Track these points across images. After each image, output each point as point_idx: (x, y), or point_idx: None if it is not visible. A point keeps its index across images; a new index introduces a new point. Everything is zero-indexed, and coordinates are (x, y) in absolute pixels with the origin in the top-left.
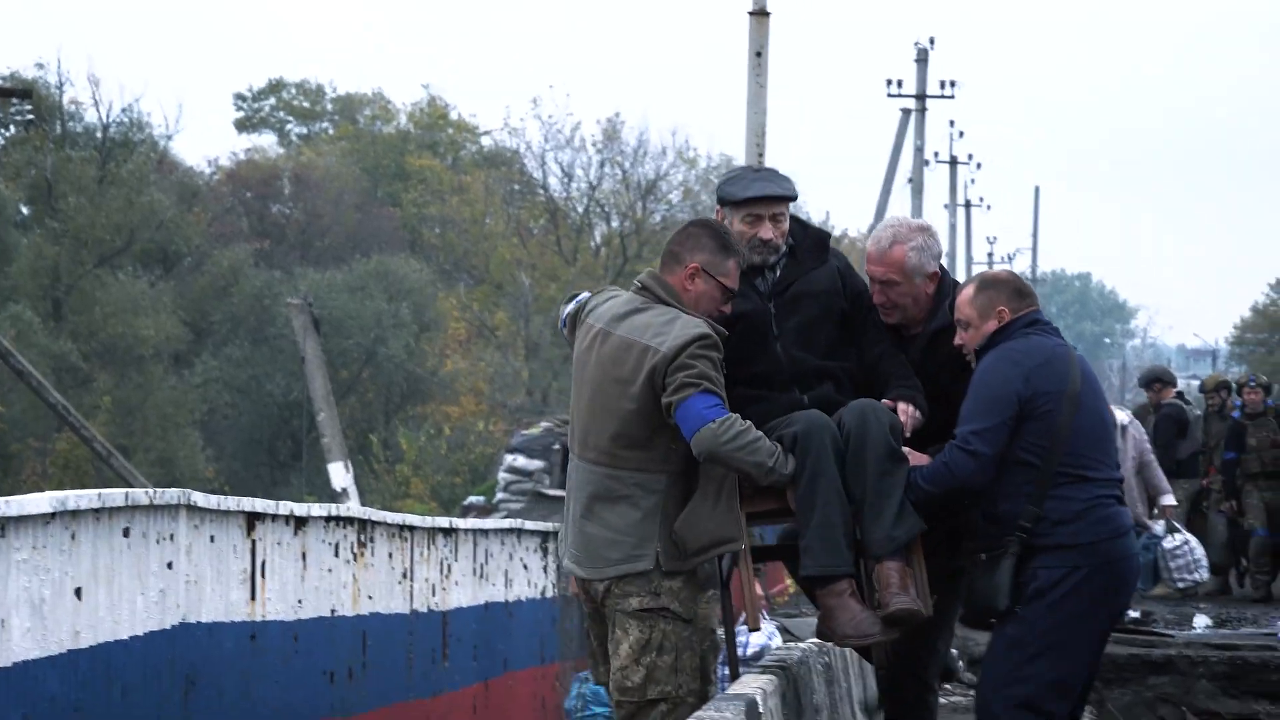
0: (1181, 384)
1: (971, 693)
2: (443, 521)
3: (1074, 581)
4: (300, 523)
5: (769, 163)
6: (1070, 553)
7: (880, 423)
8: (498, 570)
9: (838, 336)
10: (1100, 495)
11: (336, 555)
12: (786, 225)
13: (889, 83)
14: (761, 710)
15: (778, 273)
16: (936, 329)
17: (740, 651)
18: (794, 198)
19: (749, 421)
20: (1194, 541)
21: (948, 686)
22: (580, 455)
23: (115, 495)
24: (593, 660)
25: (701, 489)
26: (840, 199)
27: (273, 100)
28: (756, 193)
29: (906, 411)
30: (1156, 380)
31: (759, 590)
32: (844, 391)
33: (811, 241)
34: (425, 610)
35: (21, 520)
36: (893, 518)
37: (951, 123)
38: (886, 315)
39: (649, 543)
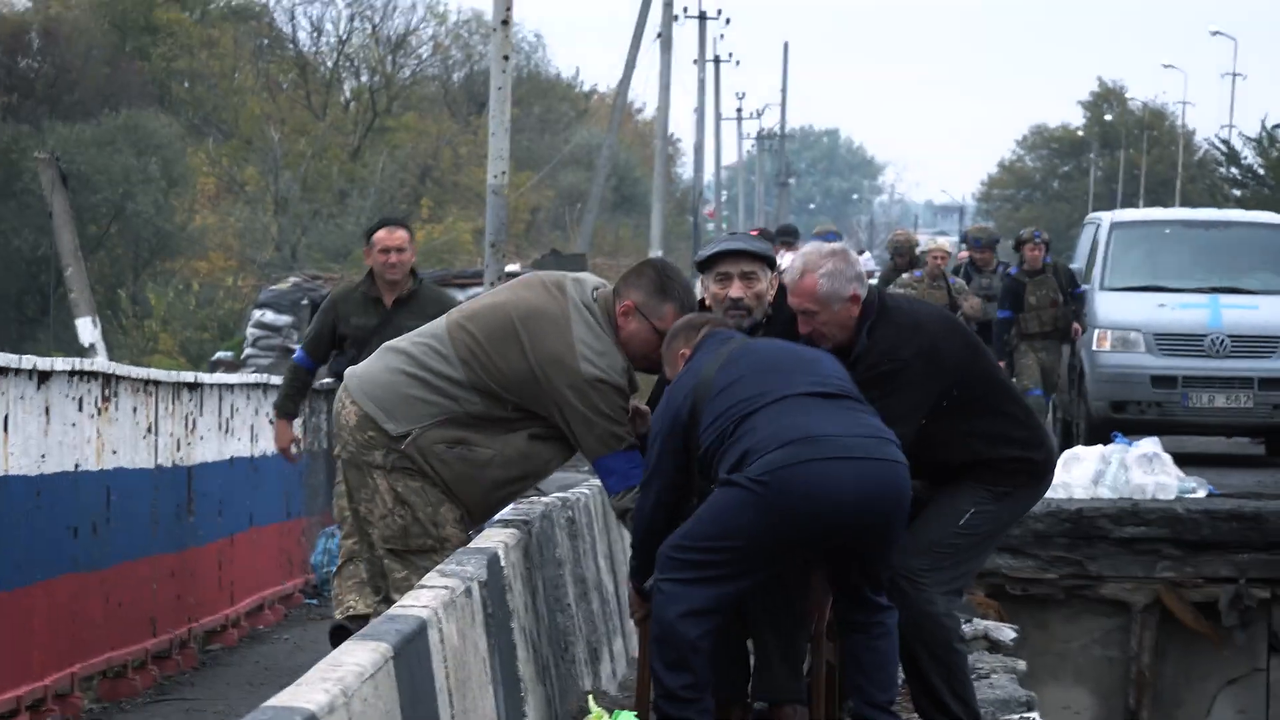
0: (924, 240)
1: None
2: (188, 376)
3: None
4: (44, 377)
5: (516, 18)
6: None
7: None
8: (244, 426)
9: None
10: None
11: (80, 410)
12: (762, 286)
13: None
14: (504, 563)
15: None
16: (855, 356)
17: None
18: (765, 258)
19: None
20: None
21: None
22: (449, 325)
23: None
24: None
25: (504, 460)
26: (590, 56)
27: None
28: (719, 248)
29: None
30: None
31: None
32: None
33: (792, 312)
34: (170, 465)
35: None
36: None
37: None
38: (820, 343)
39: (413, 421)
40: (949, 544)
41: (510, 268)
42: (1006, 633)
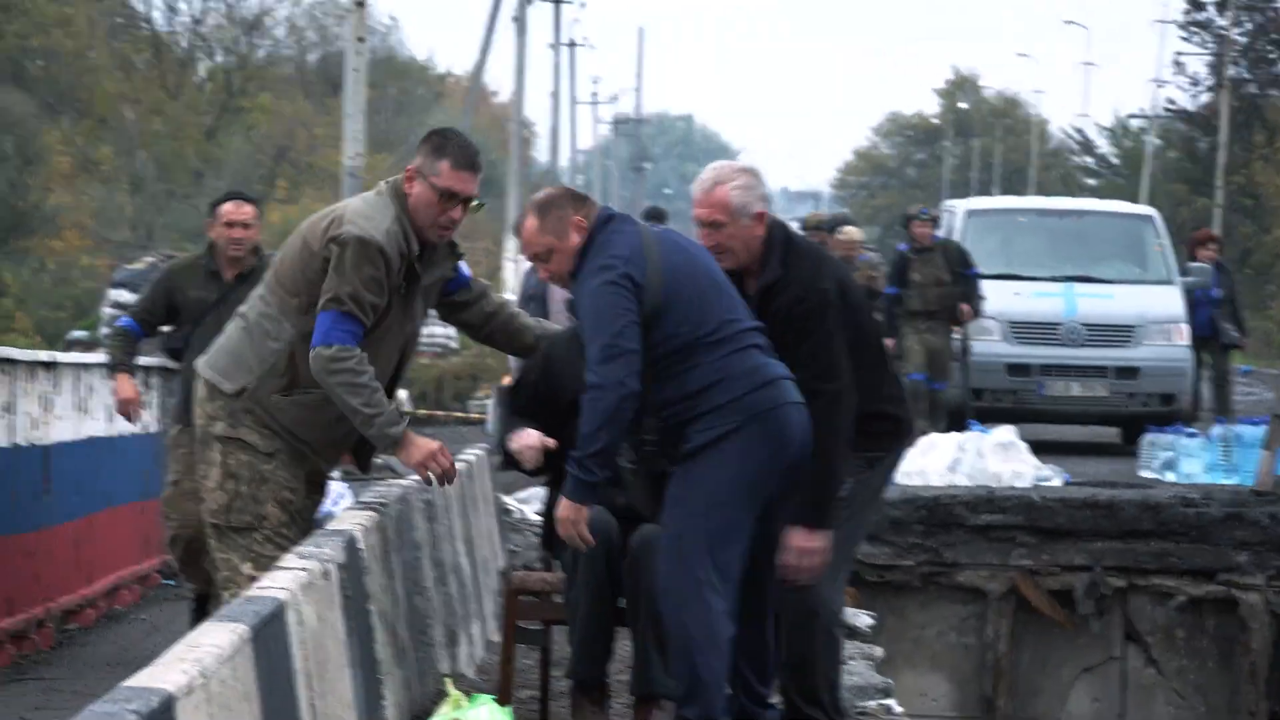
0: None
1: None
2: (44, 355)
3: (728, 437)
4: None
5: (372, 0)
6: (719, 414)
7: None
8: (100, 405)
9: None
10: (732, 351)
11: None
12: None
13: None
14: (361, 546)
15: None
16: (766, 284)
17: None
18: None
19: (370, 370)
20: None
21: None
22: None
23: None
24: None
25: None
26: (446, 39)
27: None
28: None
29: None
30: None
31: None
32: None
33: None
34: (26, 445)
35: None
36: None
37: None
38: (721, 260)
39: (246, 373)
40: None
41: None
42: (863, 619)
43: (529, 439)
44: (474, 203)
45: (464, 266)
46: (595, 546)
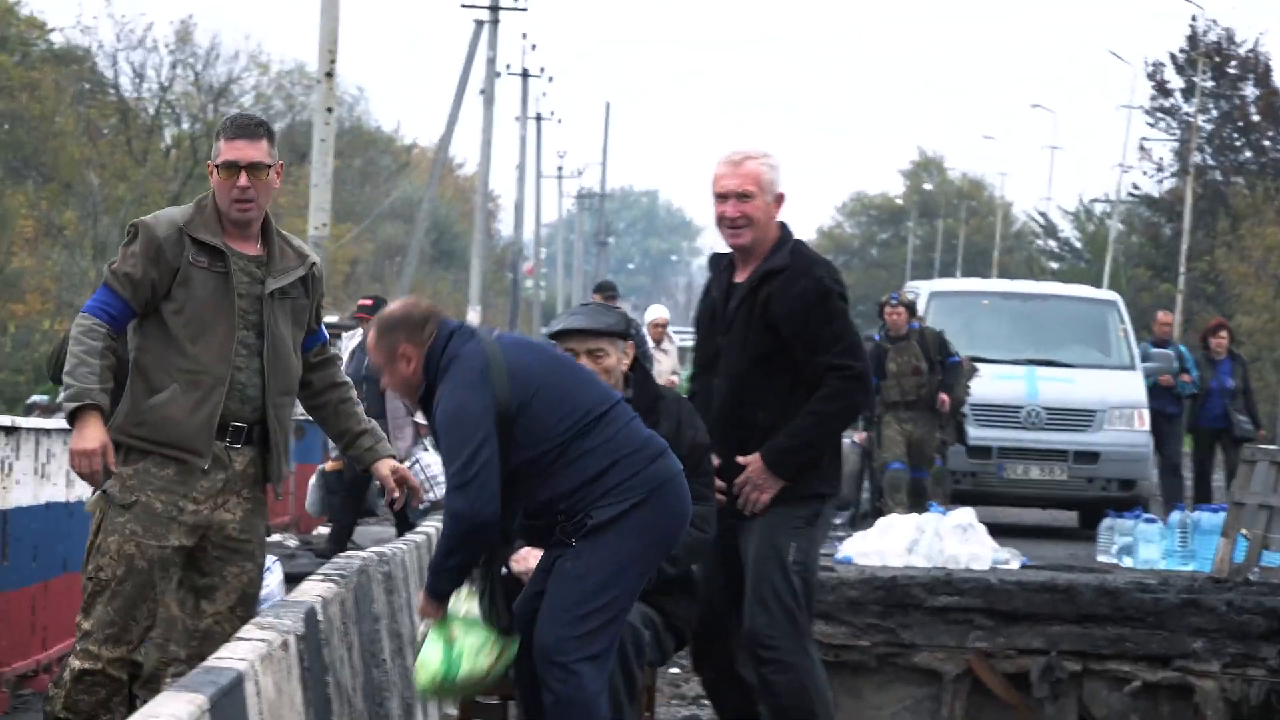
0: None
1: None
2: (4, 420)
3: (631, 511)
4: None
5: (340, 71)
6: (621, 490)
7: (620, 638)
8: (60, 470)
9: None
10: (619, 428)
11: None
12: (610, 361)
13: None
14: (321, 617)
15: None
16: (767, 270)
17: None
18: (611, 332)
19: (97, 345)
20: None
21: None
22: None
23: None
24: None
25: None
26: (412, 110)
27: None
28: (560, 326)
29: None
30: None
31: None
32: None
33: (647, 400)
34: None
35: None
36: None
37: (524, 35)
38: (738, 235)
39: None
40: (787, 588)
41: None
42: None
43: (531, 561)
44: (258, 167)
45: (324, 330)
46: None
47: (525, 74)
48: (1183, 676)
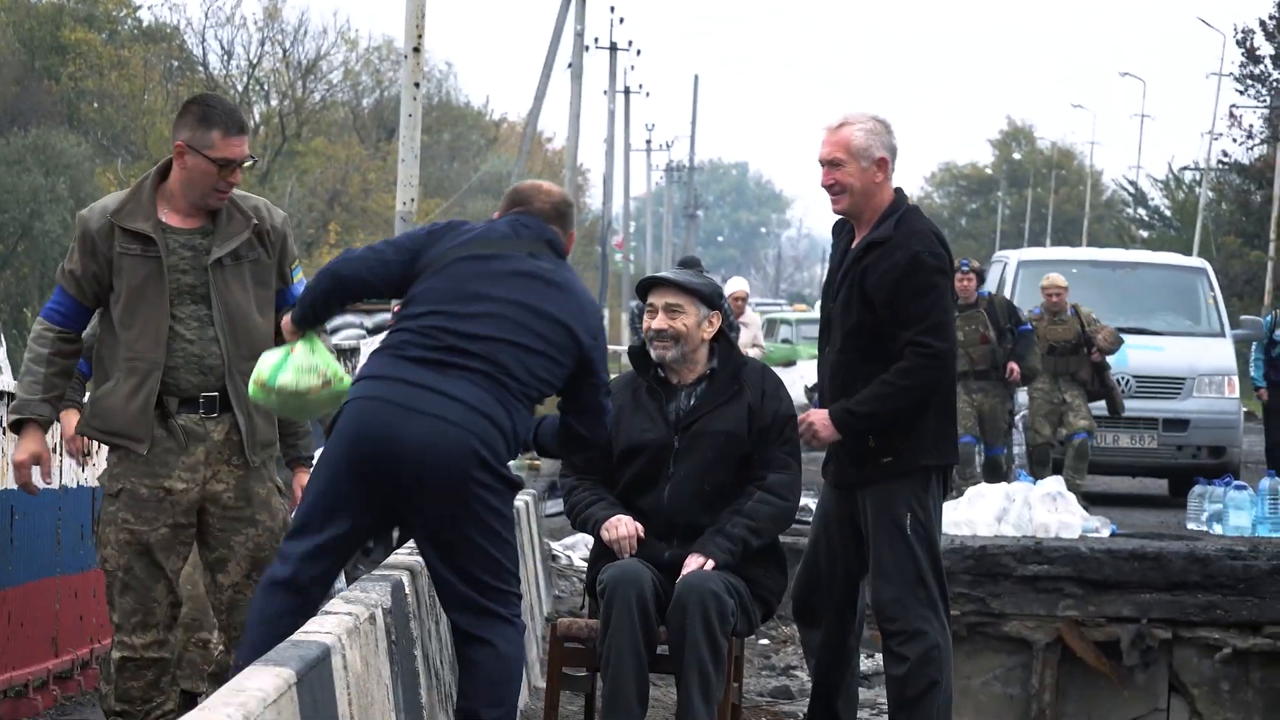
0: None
1: None
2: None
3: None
4: None
5: (428, 46)
6: None
7: (704, 606)
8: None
9: (733, 480)
10: None
11: None
12: (689, 320)
13: None
14: (408, 591)
15: (692, 401)
16: (872, 240)
17: None
18: (695, 292)
19: (44, 351)
20: None
21: None
22: None
23: None
24: None
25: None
26: (501, 85)
27: None
28: (646, 278)
29: (696, 562)
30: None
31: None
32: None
33: (731, 369)
34: (74, 485)
35: None
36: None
37: (612, 8)
38: (836, 201)
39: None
40: (909, 556)
41: None
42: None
43: (625, 528)
44: (247, 163)
45: (297, 286)
46: (630, 596)
47: (614, 47)
48: (1273, 643)
